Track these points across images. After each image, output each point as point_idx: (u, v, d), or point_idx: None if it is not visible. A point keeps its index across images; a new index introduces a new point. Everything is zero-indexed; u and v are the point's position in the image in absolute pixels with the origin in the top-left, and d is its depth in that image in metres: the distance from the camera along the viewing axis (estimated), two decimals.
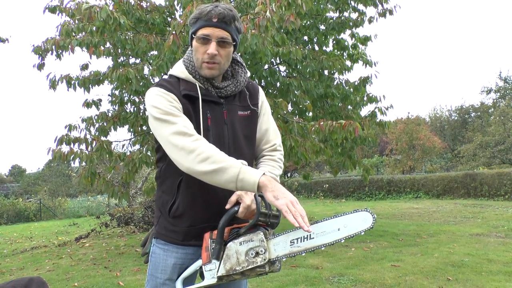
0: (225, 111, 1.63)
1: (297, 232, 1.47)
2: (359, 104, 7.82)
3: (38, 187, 31.09)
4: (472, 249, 5.99)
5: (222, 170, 1.42)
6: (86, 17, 5.45)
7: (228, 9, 1.57)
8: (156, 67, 5.59)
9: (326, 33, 8.07)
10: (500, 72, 39.34)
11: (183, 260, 1.65)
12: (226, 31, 1.57)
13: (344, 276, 4.72)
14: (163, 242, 1.67)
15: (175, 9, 7.15)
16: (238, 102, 1.68)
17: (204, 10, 1.55)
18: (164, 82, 1.62)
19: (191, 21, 1.60)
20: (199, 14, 1.57)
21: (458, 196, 16.68)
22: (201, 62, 1.58)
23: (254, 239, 1.45)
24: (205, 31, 1.55)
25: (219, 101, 1.63)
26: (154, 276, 1.67)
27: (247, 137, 1.69)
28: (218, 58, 1.57)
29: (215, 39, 1.55)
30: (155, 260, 1.68)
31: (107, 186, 6.51)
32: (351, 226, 1.42)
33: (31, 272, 6.17)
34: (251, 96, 1.73)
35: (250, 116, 1.70)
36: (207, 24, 1.55)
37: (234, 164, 1.43)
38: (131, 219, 10.27)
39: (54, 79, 6.44)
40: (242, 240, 1.45)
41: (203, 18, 1.55)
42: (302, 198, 22.42)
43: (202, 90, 1.61)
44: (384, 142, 30.09)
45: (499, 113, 24.52)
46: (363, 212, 1.44)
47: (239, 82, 1.68)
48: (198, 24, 1.57)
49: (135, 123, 7.20)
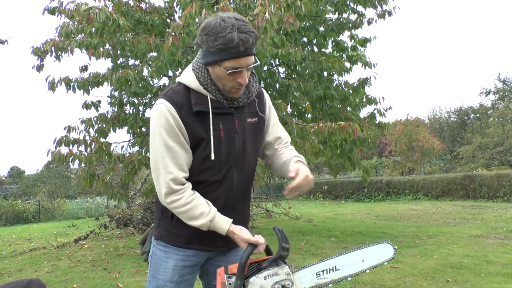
0: (236, 120, 1.64)
1: (323, 264, 1.51)
2: (358, 105, 7.82)
3: (37, 189, 31.08)
4: (471, 251, 5.99)
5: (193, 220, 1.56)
6: (85, 19, 5.46)
7: (250, 30, 1.47)
8: (156, 68, 5.59)
9: (325, 34, 8.08)
10: (499, 73, 39.22)
11: (184, 262, 1.66)
12: (253, 54, 1.53)
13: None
14: (164, 244, 1.68)
15: (174, 11, 7.16)
16: (247, 109, 1.68)
17: (229, 39, 1.43)
18: (173, 95, 1.58)
19: (214, 48, 1.47)
20: (224, 44, 1.44)
21: (457, 198, 16.70)
22: (230, 88, 1.56)
23: (279, 272, 1.44)
24: (235, 64, 1.48)
25: (230, 111, 1.62)
26: (155, 277, 1.68)
27: (254, 143, 1.71)
28: (246, 80, 1.56)
29: (245, 67, 1.51)
30: (156, 261, 1.69)
31: (106, 188, 6.50)
32: (374, 257, 1.55)
33: (30, 273, 6.16)
34: (259, 103, 1.73)
35: (258, 123, 1.72)
36: (235, 56, 1.47)
37: (204, 223, 1.55)
38: (130, 221, 10.25)
39: (53, 81, 6.44)
40: (266, 274, 1.44)
41: (230, 50, 1.45)
42: (301, 199, 22.42)
43: (214, 102, 1.58)
44: (383, 143, 30.12)
45: (498, 115, 24.57)
46: (385, 244, 1.57)
47: (251, 92, 1.67)
48: (224, 54, 1.46)
49: (134, 125, 7.20)
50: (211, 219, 1.54)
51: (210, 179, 1.60)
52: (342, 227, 9.32)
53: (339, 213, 13.68)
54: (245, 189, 1.70)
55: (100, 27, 5.63)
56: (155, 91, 6.98)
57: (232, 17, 1.46)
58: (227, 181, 1.62)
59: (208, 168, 1.59)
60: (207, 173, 1.60)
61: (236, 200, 1.66)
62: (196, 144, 1.57)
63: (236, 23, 1.44)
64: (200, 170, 1.60)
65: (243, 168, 1.66)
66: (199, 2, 5.50)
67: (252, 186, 1.75)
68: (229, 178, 1.62)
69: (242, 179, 1.66)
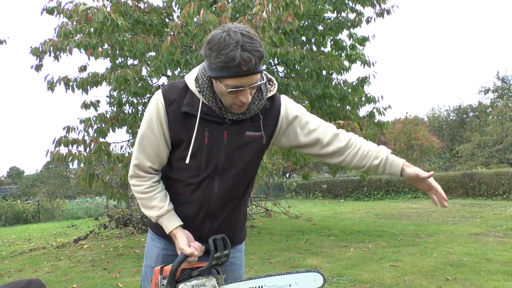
0: (226, 131, 1.57)
1: (250, 282, 1.53)
2: (357, 104, 7.82)
3: (36, 189, 31.07)
4: (470, 249, 5.99)
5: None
6: (84, 19, 5.46)
7: (255, 49, 1.39)
8: (154, 68, 5.59)
9: (324, 33, 8.08)
10: (497, 72, 39.51)
11: (166, 251, 1.72)
12: (257, 73, 1.44)
13: (343, 276, 4.72)
14: (152, 232, 1.78)
15: (173, 10, 7.16)
16: (250, 122, 1.60)
17: (231, 57, 1.36)
18: (170, 90, 1.60)
19: (215, 64, 1.41)
20: (225, 62, 1.38)
21: (456, 196, 16.71)
22: (232, 104, 1.51)
23: (206, 284, 1.49)
24: (237, 83, 1.42)
25: (221, 121, 1.56)
26: (145, 264, 1.80)
27: (247, 156, 1.63)
28: (250, 98, 1.50)
29: (248, 86, 1.44)
30: (146, 249, 1.81)
31: (106, 188, 6.50)
32: (302, 284, 1.52)
33: (30, 274, 6.15)
34: (267, 118, 1.63)
35: (260, 138, 1.63)
36: (237, 75, 1.40)
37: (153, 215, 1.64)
38: (129, 221, 10.24)
39: (52, 80, 6.43)
40: (194, 283, 1.48)
41: (232, 68, 1.38)
42: (301, 198, 22.44)
43: (204, 107, 1.55)
44: (382, 142, 30.09)
45: (497, 113, 24.56)
46: (315, 273, 1.54)
47: (250, 110, 1.57)
48: (225, 72, 1.40)
49: (134, 124, 7.19)
50: (160, 215, 1.61)
51: (187, 180, 1.63)
52: (342, 226, 9.33)
53: (338, 212, 13.69)
54: (228, 199, 1.66)
55: (98, 27, 5.62)
56: (154, 90, 6.98)
57: (238, 32, 1.38)
58: (204, 188, 1.61)
59: (185, 169, 1.61)
60: (184, 174, 1.62)
61: (214, 208, 1.64)
62: (177, 143, 1.60)
63: (242, 40, 1.37)
64: (178, 168, 1.63)
65: (227, 180, 1.62)
66: (197, 2, 5.50)
67: (242, 195, 1.71)
68: (206, 185, 1.61)
69: (224, 190, 1.62)
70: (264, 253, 6.36)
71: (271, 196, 17.30)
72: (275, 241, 7.46)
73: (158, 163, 1.63)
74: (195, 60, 5.43)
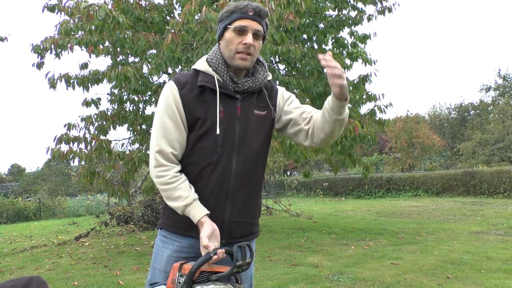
0: (239, 106, 1.67)
1: None
2: (358, 102, 7.80)
3: (37, 186, 31.06)
4: (471, 247, 5.99)
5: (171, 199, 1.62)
6: (85, 16, 5.45)
7: (261, 6, 1.66)
8: (155, 65, 5.58)
9: (325, 31, 8.06)
10: (499, 70, 39.31)
11: (178, 253, 1.69)
12: (261, 25, 1.65)
13: (344, 274, 4.73)
14: (165, 233, 1.73)
15: (174, 8, 7.14)
16: (255, 101, 1.72)
17: (240, 4, 1.63)
18: (180, 76, 1.70)
19: (224, 14, 1.66)
20: (234, 7, 1.63)
21: (457, 194, 16.71)
22: (235, 52, 1.63)
23: None
24: (242, 23, 1.62)
25: (234, 95, 1.66)
26: (153, 267, 1.74)
27: (259, 136, 1.71)
28: (252, 49, 1.63)
29: (252, 30, 1.62)
30: (155, 251, 1.76)
31: (107, 185, 6.51)
32: None
33: (31, 271, 6.17)
34: (270, 96, 1.76)
35: (266, 116, 1.73)
36: (244, 17, 1.62)
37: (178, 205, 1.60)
38: (130, 218, 10.26)
39: (53, 78, 6.43)
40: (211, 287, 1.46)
41: (239, 11, 1.62)
42: (302, 196, 22.44)
43: (219, 82, 1.65)
44: (383, 140, 30.10)
45: (498, 111, 24.56)
46: None
47: (257, 79, 1.71)
48: (233, 16, 1.63)
49: (134, 122, 7.19)
50: (187, 204, 1.58)
51: (204, 161, 1.62)
52: (343, 224, 9.34)
53: (339, 210, 13.69)
54: (246, 178, 1.67)
55: (99, 24, 5.62)
56: (155, 88, 6.98)
57: None
58: (223, 165, 1.62)
59: (202, 148, 1.62)
60: (201, 154, 1.63)
61: (234, 188, 1.64)
62: (193, 122, 1.63)
63: (250, 1, 1.64)
64: (195, 150, 1.64)
65: (245, 156, 1.65)
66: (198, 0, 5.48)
67: (258, 180, 1.74)
68: (225, 162, 1.62)
69: (242, 166, 1.65)
70: (265, 251, 6.37)
71: (272, 194, 17.29)
72: (276, 239, 7.46)
73: (178, 149, 1.64)
74: (196, 58, 5.42)
